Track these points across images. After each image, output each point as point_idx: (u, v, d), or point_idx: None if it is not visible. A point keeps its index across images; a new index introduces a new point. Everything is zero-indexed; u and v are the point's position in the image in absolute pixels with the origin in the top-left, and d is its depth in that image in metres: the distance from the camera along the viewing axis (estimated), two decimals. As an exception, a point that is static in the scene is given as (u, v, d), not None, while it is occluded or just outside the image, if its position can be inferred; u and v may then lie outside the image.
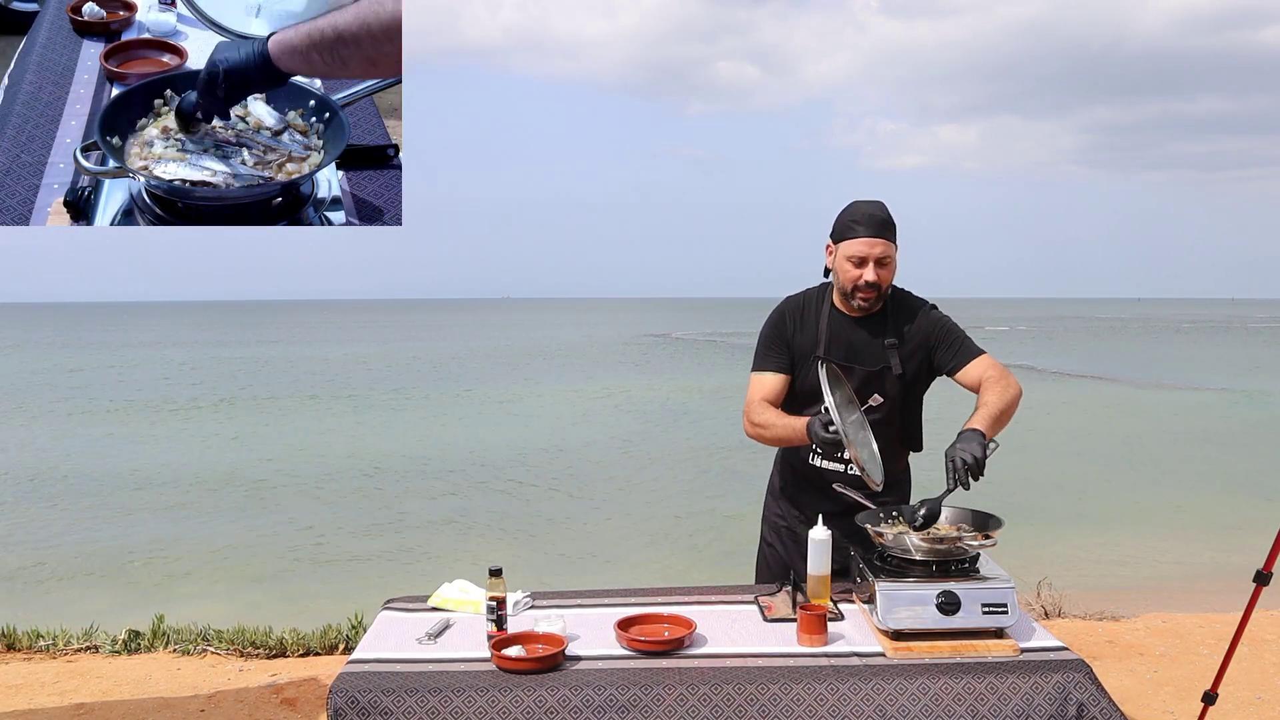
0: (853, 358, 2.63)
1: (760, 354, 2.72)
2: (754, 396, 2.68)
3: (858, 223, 2.56)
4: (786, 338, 2.69)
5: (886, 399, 2.60)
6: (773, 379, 2.68)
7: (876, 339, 2.64)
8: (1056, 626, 4.94)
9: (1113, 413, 19.66)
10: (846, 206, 2.63)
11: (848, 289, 2.59)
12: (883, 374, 2.63)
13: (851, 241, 2.56)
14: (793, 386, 2.70)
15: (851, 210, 2.60)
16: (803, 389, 2.68)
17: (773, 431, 2.59)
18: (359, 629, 4.89)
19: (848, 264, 2.57)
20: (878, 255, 2.54)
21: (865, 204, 2.61)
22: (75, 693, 4.13)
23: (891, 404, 2.63)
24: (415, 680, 2.01)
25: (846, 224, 2.58)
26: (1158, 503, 10.99)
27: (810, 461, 2.70)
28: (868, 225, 2.55)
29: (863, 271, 2.55)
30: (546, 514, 10.46)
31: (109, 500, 11.61)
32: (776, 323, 2.72)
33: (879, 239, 2.55)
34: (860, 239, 2.54)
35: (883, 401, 2.58)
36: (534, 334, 60.12)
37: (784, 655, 2.11)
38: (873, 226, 2.55)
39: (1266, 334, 57.90)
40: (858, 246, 2.55)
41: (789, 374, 2.68)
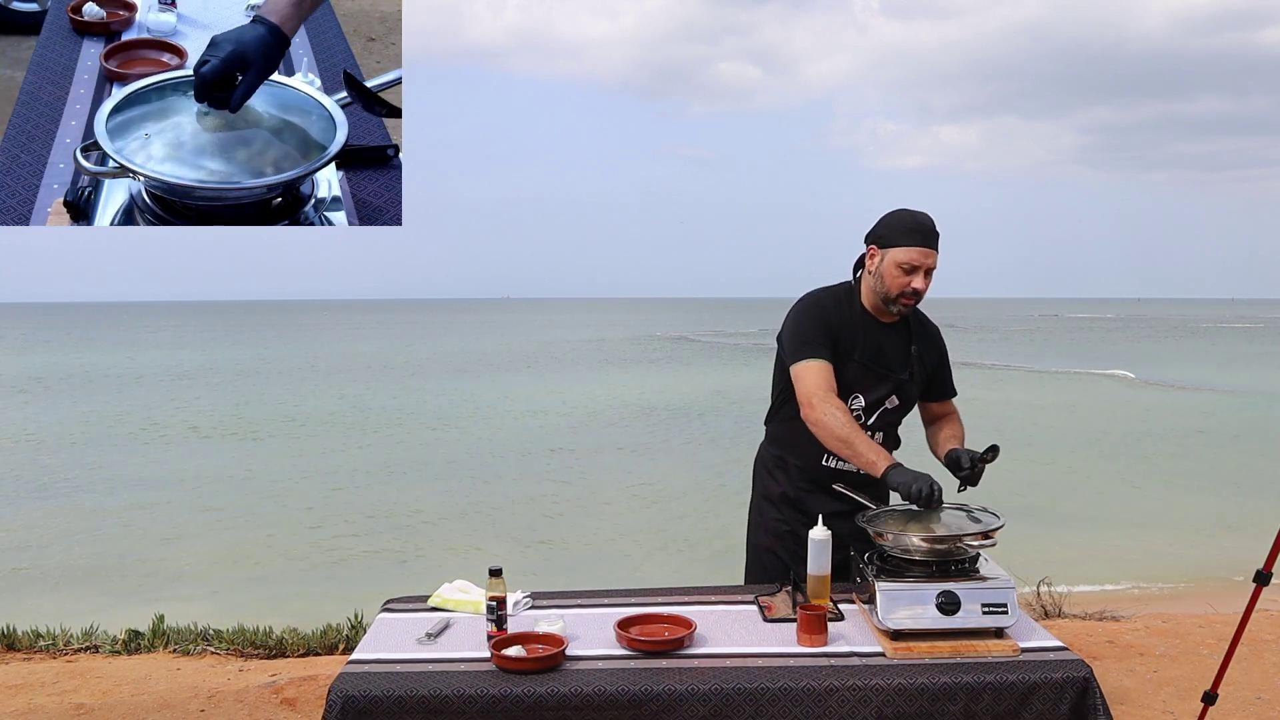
0: (882, 362, 2.68)
1: (805, 341, 2.61)
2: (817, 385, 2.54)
3: (913, 231, 2.57)
4: (832, 326, 2.64)
5: (904, 404, 2.71)
6: (827, 366, 2.58)
7: (901, 347, 2.71)
8: (1056, 626, 4.94)
9: (1113, 412, 19.66)
10: (895, 212, 2.63)
11: (892, 294, 2.60)
12: (907, 382, 2.71)
13: (905, 249, 2.56)
14: None
15: (903, 217, 2.61)
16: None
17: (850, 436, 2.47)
18: (359, 629, 4.89)
19: (897, 270, 2.57)
20: (930, 265, 2.58)
21: (917, 213, 2.62)
22: (75, 693, 4.13)
23: (904, 410, 2.74)
24: (415, 680, 2.01)
25: (900, 231, 2.59)
26: (1158, 503, 11.00)
27: (824, 463, 2.68)
28: (923, 235, 2.57)
29: (911, 279, 2.57)
30: (547, 514, 10.47)
31: (110, 500, 11.61)
32: (818, 311, 2.67)
33: (932, 250, 2.58)
34: (916, 248, 2.56)
35: (899, 405, 2.69)
36: (533, 334, 60.13)
37: (784, 655, 2.11)
38: (927, 237, 2.58)
39: (1266, 334, 57.87)
40: (912, 255, 2.56)
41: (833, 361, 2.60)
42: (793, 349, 2.64)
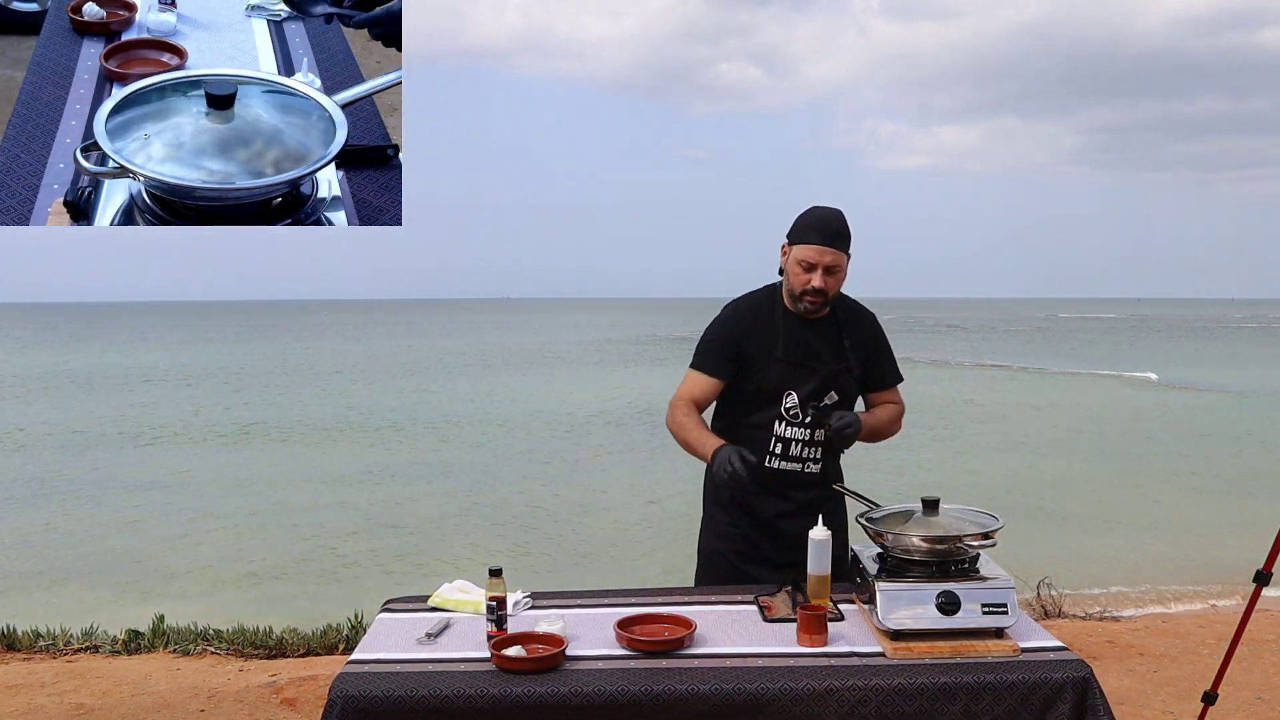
0: (810, 358, 2.69)
1: (702, 352, 2.75)
2: (683, 394, 2.73)
3: (812, 228, 2.60)
4: (737, 341, 2.71)
5: (843, 397, 2.71)
6: (707, 382, 2.72)
7: (831, 340, 2.72)
8: (1056, 626, 4.94)
9: (1113, 412, 19.67)
10: (807, 210, 2.67)
11: (796, 292, 2.64)
12: (841, 373, 2.71)
13: (804, 246, 2.61)
14: (748, 387, 2.72)
15: (809, 215, 2.65)
16: (761, 389, 2.71)
17: (685, 436, 2.67)
18: (359, 629, 4.89)
19: (798, 267, 2.62)
20: (827, 263, 2.59)
21: (824, 211, 2.65)
22: (75, 693, 4.13)
23: (845, 402, 2.73)
24: (415, 680, 2.01)
25: (802, 228, 2.63)
26: (1158, 502, 11.00)
27: (767, 464, 2.70)
28: (821, 233, 2.59)
29: (810, 277, 2.60)
30: (548, 514, 10.47)
31: (110, 500, 11.62)
32: (729, 327, 2.75)
33: (830, 248, 2.59)
34: (812, 245, 2.59)
35: (838, 400, 2.69)
36: (534, 335, 60.14)
37: (784, 655, 2.11)
38: (826, 235, 2.59)
39: (1268, 334, 57.87)
40: (809, 252, 2.59)
41: (726, 380, 2.72)
42: (696, 350, 2.77)
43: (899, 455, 14.30)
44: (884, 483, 11.78)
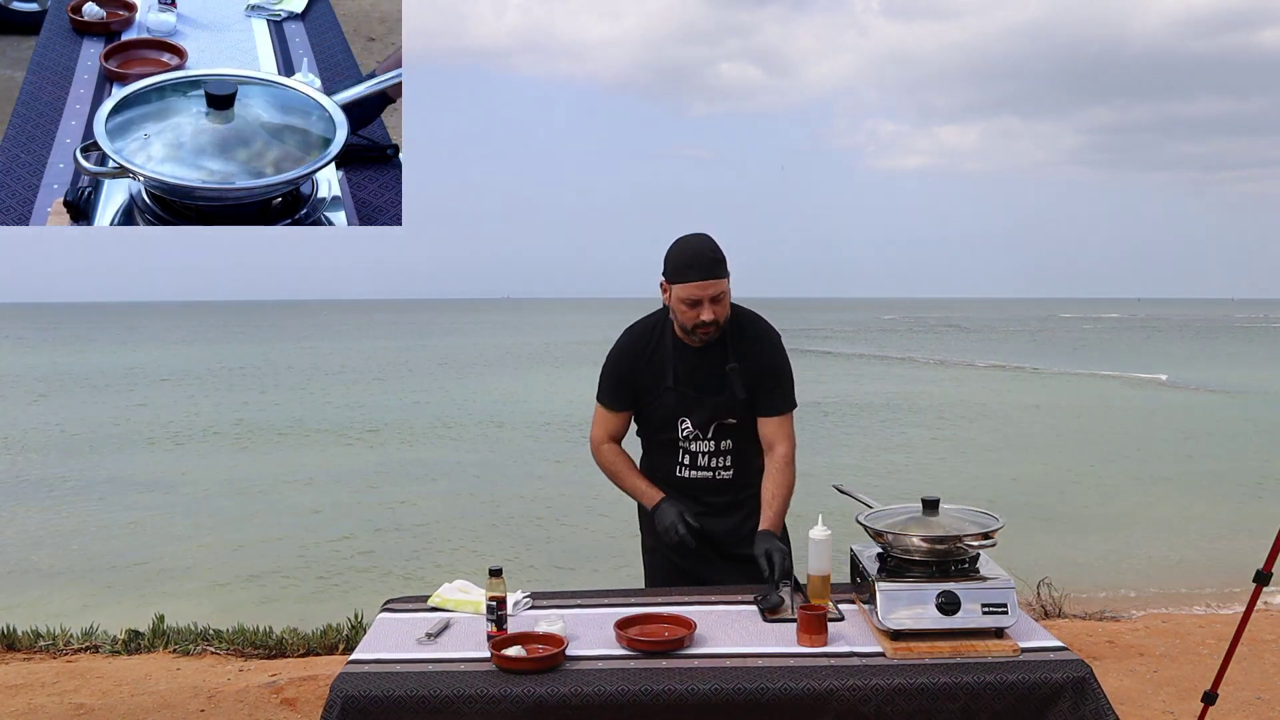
0: (701, 386, 2.70)
1: (603, 388, 2.80)
2: (599, 434, 2.82)
3: (690, 266, 2.55)
4: (626, 376, 2.75)
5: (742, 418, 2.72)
6: (614, 415, 2.80)
7: (720, 365, 2.68)
8: (1056, 626, 4.94)
9: (1112, 412, 19.67)
10: (675, 245, 2.61)
11: (687, 326, 2.61)
12: (730, 399, 2.69)
13: (685, 285, 2.55)
14: (647, 413, 2.79)
15: (681, 251, 2.59)
16: (655, 417, 2.77)
17: (620, 482, 2.80)
18: (359, 629, 4.89)
19: (683, 305, 2.58)
20: (712, 295, 2.56)
21: (694, 242, 2.59)
22: (75, 693, 4.13)
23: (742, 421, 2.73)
24: (415, 680, 2.01)
25: (678, 267, 2.57)
26: (1157, 502, 10.99)
27: (678, 474, 2.78)
28: (699, 268, 2.54)
29: (698, 312, 2.57)
30: (548, 514, 10.47)
31: (110, 500, 11.62)
32: (617, 362, 2.77)
33: (711, 280, 2.55)
34: (693, 282, 2.54)
35: (735, 423, 2.71)
36: (536, 335, 60.15)
37: (784, 655, 2.11)
38: (704, 268, 2.54)
39: (1275, 334, 57.86)
40: (691, 290, 2.55)
41: (630, 409, 2.79)
42: (599, 382, 2.82)
43: (899, 455, 14.31)
44: (884, 483, 11.79)
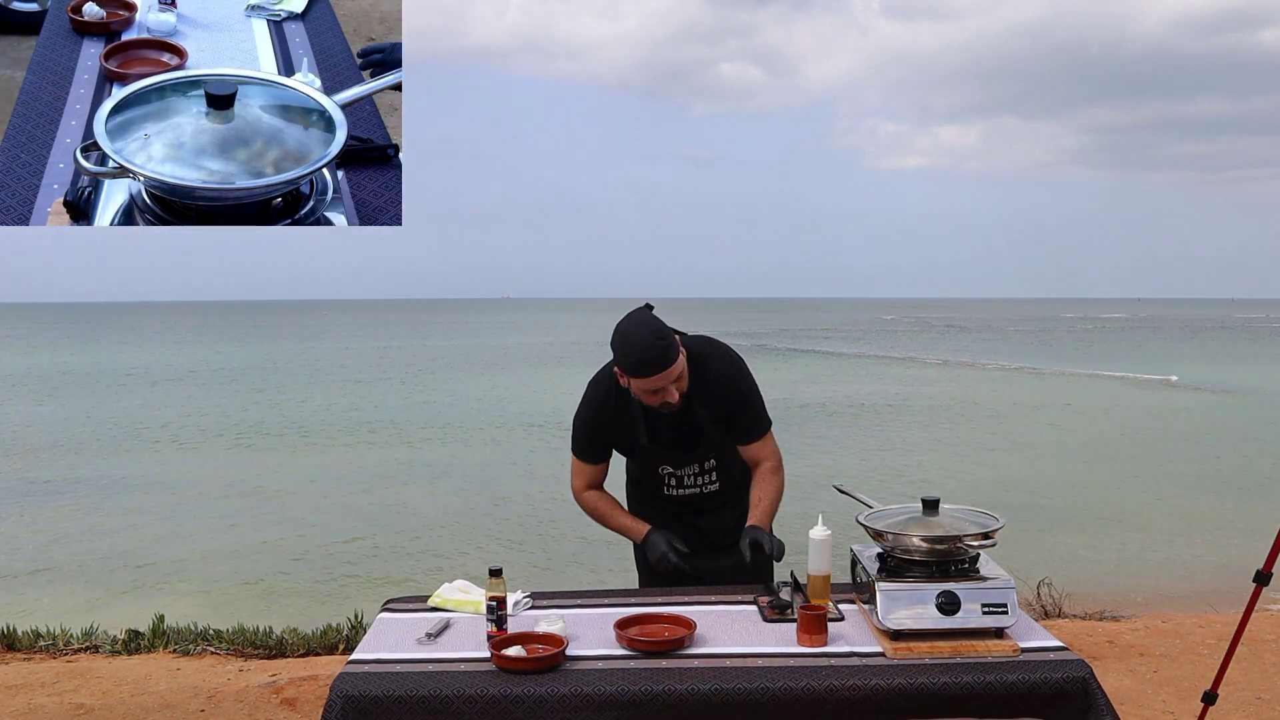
0: (674, 441, 2.73)
1: (577, 443, 2.81)
2: (579, 485, 2.84)
3: (642, 364, 2.50)
4: (599, 435, 2.78)
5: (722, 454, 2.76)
6: (593, 468, 2.82)
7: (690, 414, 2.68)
8: (1056, 626, 4.94)
9: (1112, 412, 19.66)
10: (621, 340, 2.53)
11: (653, 406, 2.61)
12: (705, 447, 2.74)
13: (640, 380, 2.53)
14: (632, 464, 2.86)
15: (629, 348, 2.50)
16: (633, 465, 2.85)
17: (608, 524, 2.83)
18: (359, 629, 4.89)
19: (644, 393, 2.57)
20: (673, 379, 2.54)
21: (639, 336, 2.50)
22: (75, 693, 4.13)
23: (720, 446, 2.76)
24: (415, 680, 2.01)
25: (631, 365, 2.51)
26: (1157, 503, 10.99)
27: (665, 493, 2.82)
28: (652, 363, 2.49)
29: (661, 395, 2.56)
30: (549, 513, 10.46)
31: (110, 500, 11.61)
32: (587, 422, 2.78)
33: (665, 371, 2.51)
34: (650, 378, 2.51)
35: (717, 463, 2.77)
36: (537, 335, 60.14)
37: (784, 655, 2.11)
38: (657, 363, 2.49)
39: (1271, 334, 57.84)
40: (649, 383, 2.53)
41: (607, 460, 2.83)
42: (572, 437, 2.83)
43: (899, 456, 14.31)
44: (884, 483, 11.79)
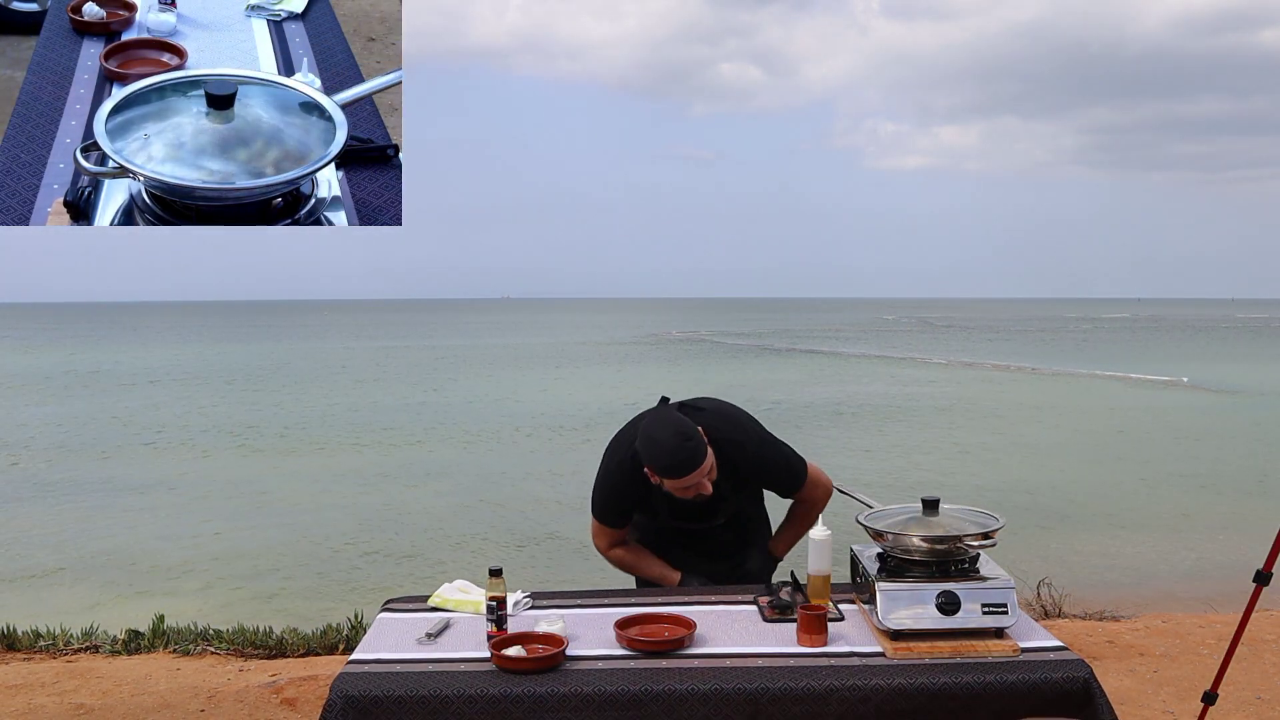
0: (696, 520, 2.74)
1: (599, 510, 2.78)
2: (604, 544, 2.83)
3: (674, 467, 2.50)
4: (623, 504, 2.77)
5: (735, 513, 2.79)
6: (616, 531, 2.82)
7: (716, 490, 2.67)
8: (1056, 626, 4.94)
9: (1112, 412, 19.66)
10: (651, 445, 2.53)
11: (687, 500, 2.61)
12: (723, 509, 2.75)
13: (673, 481, 2.54)
14: None
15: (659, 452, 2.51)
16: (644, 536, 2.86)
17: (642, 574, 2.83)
18: (359, 629, 4.89)
19: (678, 490, 2.57)
20: (704, 475, 2.54)
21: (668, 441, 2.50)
22: (75, 693, 4.13)
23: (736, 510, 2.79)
24: (415, 680, 2.01)
25: (664, 468, 2.51)
26: (1157, 502, 10.99)
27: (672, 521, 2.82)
28: (684, 467, 2.49)
29: (693, 490, 2.56)
30: (549, 513, 10.47)
31: (110, 500, 11.62)
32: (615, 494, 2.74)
33: (697, 470, 2.51)
34: (683, 479, 2.52)
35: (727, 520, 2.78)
36: (538, 335, 60.14)
37: (784, 655, 2.11)
38: (687, 466, 2.49)
39: (1269, 333, 57.79)
40: (682, 483, 2.53)
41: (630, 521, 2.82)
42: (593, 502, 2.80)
43: (899, 456, 14.30)
44: (884, 483, 11.78)
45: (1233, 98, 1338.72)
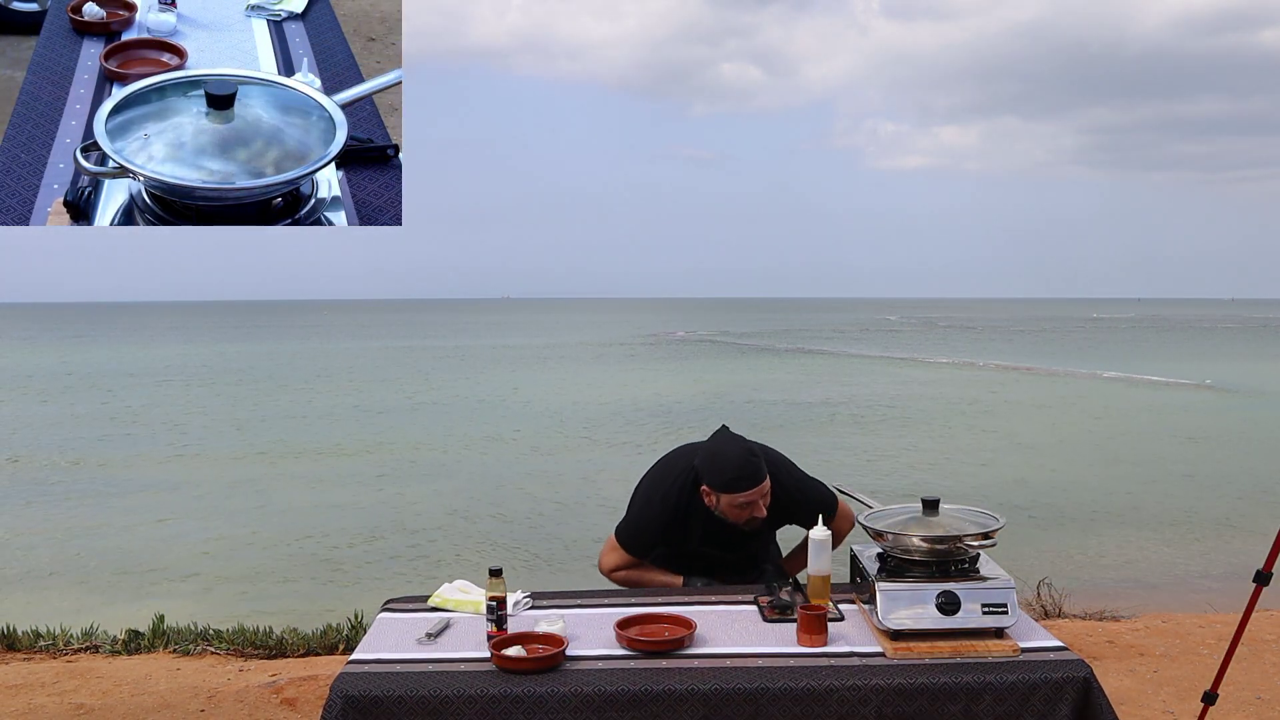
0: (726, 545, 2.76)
1: (631, 534, 2.78)
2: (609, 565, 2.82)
3: (738, 479, 2.58)
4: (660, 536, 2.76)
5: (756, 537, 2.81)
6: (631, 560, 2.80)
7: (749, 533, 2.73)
8: (1056, 626, 4.94)
9: (1112, 412, 19.65)
10: (714, 458, 2.63)
11: (739, 524, 2.65)
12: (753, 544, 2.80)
13: (735, 495, 2.59)
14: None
15: (727, 465, 2.60)
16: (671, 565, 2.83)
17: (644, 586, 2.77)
18: (359, 629, 4.89)
19: (734, 509, 2.62)
20: (763, 494, 2.61)
21: (733, 453, 2.61)
22: (75, 693, 4.13)
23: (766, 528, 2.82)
24: (415, 680, 2.01)
25: (728, 481, 2.60)
26: (1157, 502, 10.99)
27: None
28: (748, 478, 2.58)
29: (750, 510, 2.62)
30: (549, 513, 10.46)
31: (110, 500, 11.62)
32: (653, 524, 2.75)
33: (759, 486, 2.59)
34: (744, 493, 2.59)
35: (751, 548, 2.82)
36: (534, 334, 60.14)
37: (784, 655, 2.11)
38: (753, 477, 2.58)
39: (1267, 333, 57.76)
40: (744, 498, 2.60)
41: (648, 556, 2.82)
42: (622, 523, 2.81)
43: (899, 456, 14.30)
44: (884, 483, 11.78)
45: (1233, 98, 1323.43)
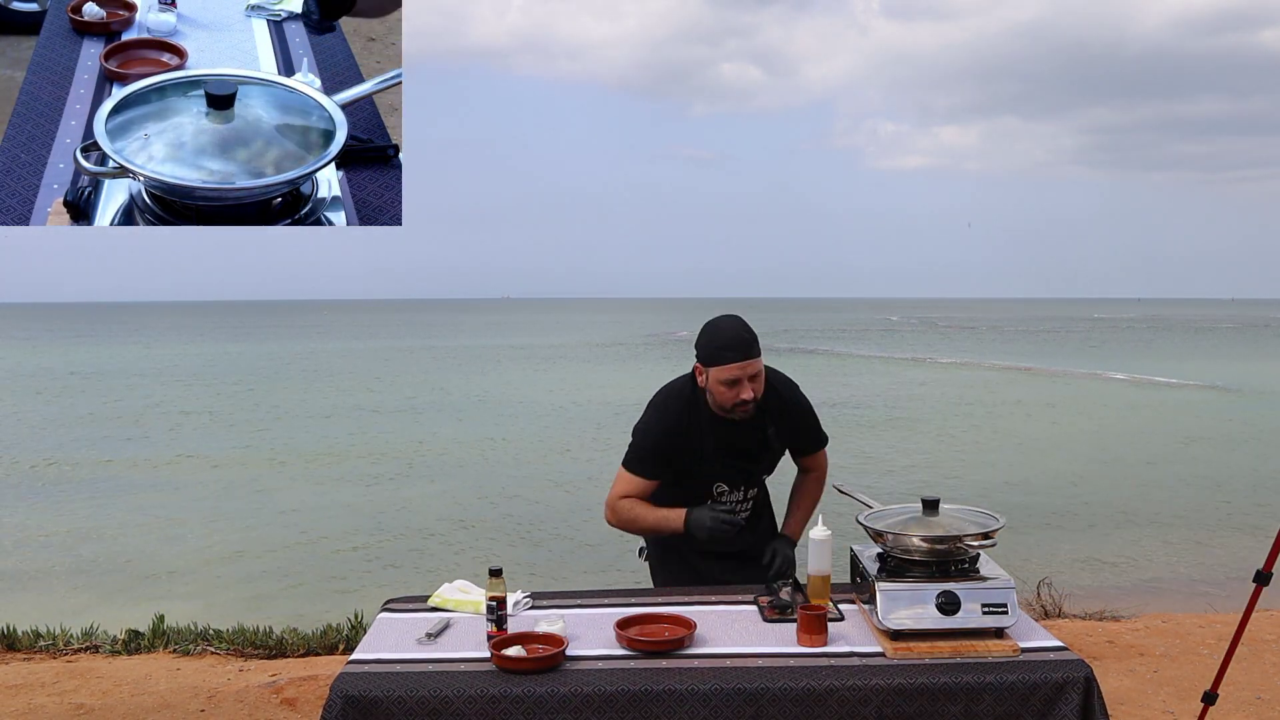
0: (738, 456, 2.75)
1: (637, 458, 2.74)
2: (620, 492, 2.75)
3: (727, 349, 2.59)
4: (666, 453, 2.73)
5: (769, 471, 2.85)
6: (643, 483, 2.74)
7: (756, 432, 2.73)
8: (1056, 626, 4.94)
9: (1112, 412, 19.65)
10: (708, 330, 2.67)
11: (726, 406, 2.64)
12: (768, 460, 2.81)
13: (724, 367, 2.59)
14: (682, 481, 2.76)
15: (715, 335, 2.63)
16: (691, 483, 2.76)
17: (642, 522, 2.73)
18: (359, 629, 4.89)
19: (722, 386, 2.61)
20: (750, 374, 2.60)
21: (727, 326, 2.65)
22: (75, 693, 4.13)
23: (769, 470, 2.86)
24: (415, 680, 2.01)
25: (715, 350, 2.61)
26: (1157, 503, 10.99)
27: None
28: (736, 349, 2.59)
29: (738, 391, 2.60)
30: (549, 513, 10.47)
31: (111, 500, 11.62)
32: (659, 434, 2.74)
33: (749, 360, 2.59)
34: (734, 364, 2.58)
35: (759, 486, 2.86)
36: (535, 334, 60.12)
37: (784, 655, 2.11)
38: (741, 349, 2.59)
39: (1267, 333, 57.76)
40: (732, 371, 2.58)
41: (662, 479, 2.75)
42: (627, 453, 2.77)
43: (899, 456, 14.30)
44: (884, 483, 11.79)
45: (1233, 98, 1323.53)
